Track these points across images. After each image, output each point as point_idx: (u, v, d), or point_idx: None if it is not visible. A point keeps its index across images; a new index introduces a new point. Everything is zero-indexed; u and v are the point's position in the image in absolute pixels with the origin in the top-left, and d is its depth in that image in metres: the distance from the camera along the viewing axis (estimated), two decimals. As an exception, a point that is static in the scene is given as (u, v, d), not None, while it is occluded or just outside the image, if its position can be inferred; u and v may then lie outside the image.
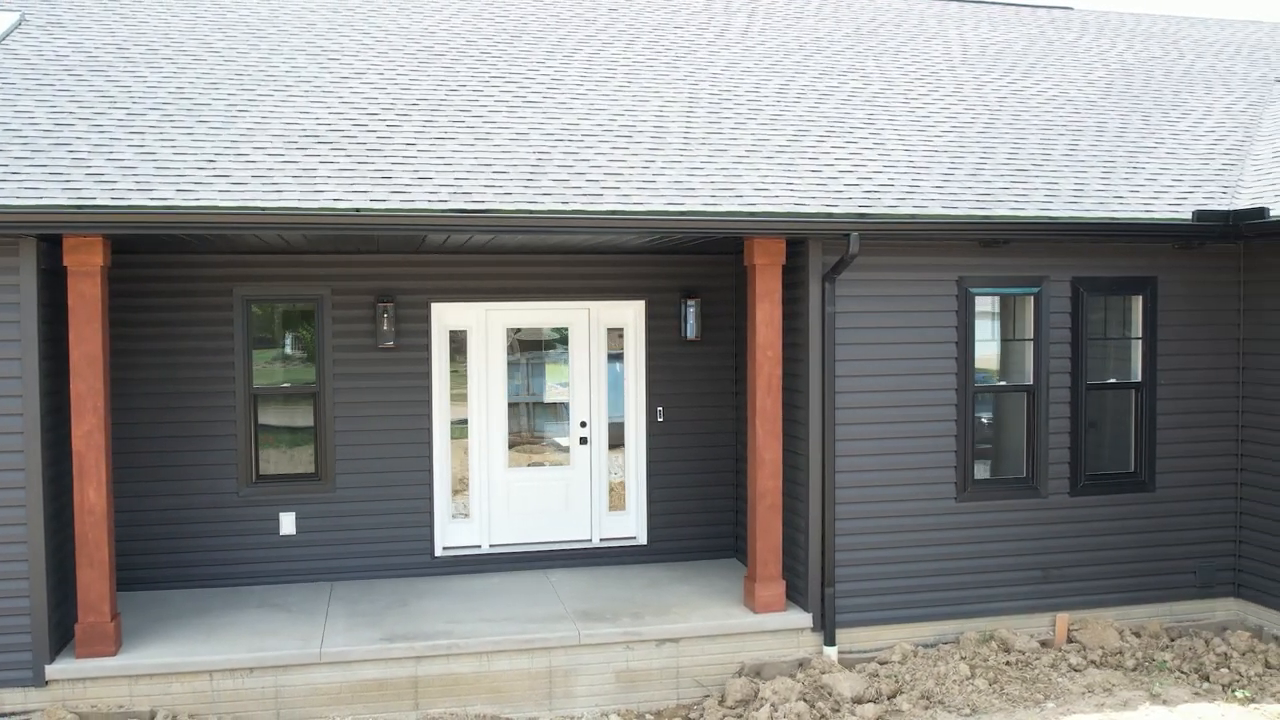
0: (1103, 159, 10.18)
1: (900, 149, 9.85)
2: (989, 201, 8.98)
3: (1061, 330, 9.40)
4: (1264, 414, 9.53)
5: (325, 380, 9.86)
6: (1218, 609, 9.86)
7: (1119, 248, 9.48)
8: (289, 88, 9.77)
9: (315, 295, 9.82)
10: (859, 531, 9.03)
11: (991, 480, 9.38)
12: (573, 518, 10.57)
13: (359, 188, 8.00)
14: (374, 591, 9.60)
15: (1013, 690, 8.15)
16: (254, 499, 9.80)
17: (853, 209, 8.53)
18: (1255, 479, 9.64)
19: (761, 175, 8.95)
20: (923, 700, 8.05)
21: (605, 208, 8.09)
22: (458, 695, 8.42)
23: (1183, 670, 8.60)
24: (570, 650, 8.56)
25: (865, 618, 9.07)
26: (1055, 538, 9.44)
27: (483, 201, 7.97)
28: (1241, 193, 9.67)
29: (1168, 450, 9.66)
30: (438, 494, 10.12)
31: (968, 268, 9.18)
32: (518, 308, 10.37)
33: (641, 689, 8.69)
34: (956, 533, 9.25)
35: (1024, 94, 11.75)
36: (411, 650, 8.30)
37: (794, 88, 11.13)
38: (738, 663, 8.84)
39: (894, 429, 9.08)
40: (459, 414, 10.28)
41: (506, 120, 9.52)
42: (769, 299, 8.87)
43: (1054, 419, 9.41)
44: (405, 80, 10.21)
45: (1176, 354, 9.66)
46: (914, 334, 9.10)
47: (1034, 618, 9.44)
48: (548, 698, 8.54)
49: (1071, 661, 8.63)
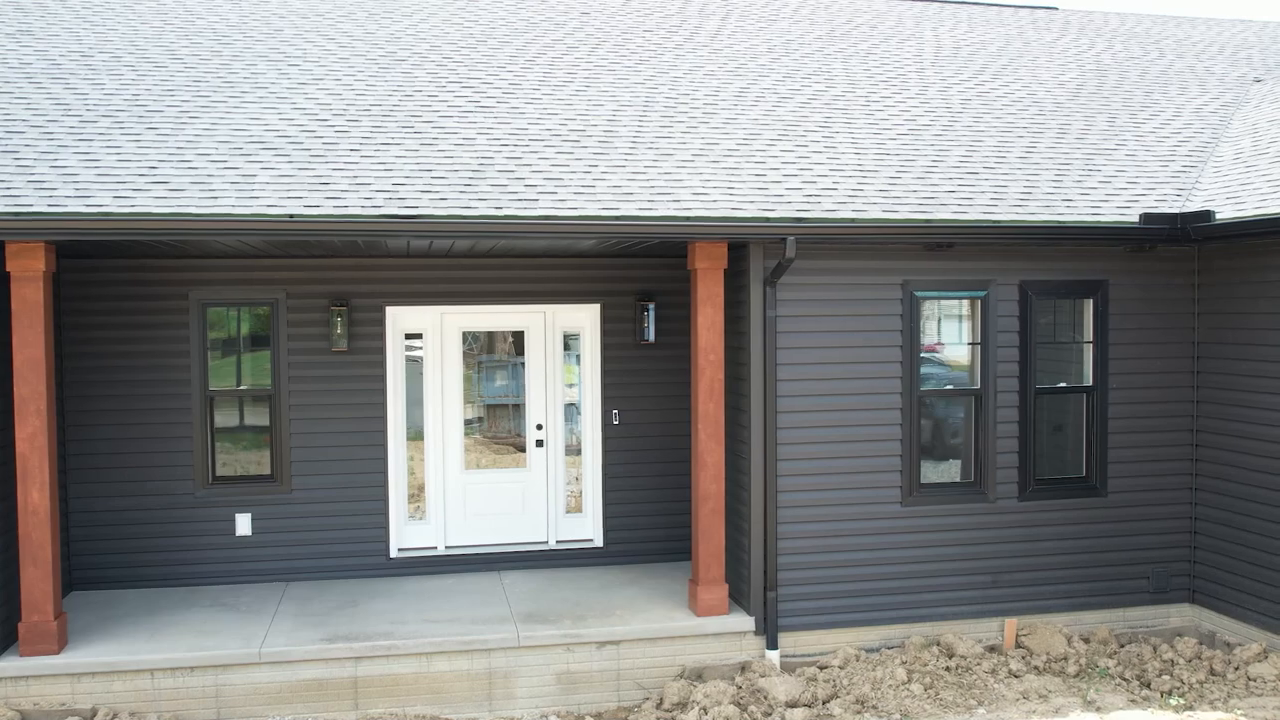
0: (1059, 161, 10.13)
1: (851, 152, 9.84)
2: (932, 205, 8.96)
3: (1009, 334, 9.36)
4: (1218, 419, 9.44)
5: (281, 383, 9.97)
6: (1173, 615, 9.78)
7: (1068, 251, 9.43)
8: (244, 94, 9.90)
9: (270, 299, 9.93)
10: (802, 535, 9.04)
11: (938, 484, 9.35)
12: (529, 520, 10.64)
13: (295, 193, 8.10)
14: (327, 592, 9.71)
15: (947, 696, 8.13)
16: (210, 500, 9.93)
17: (790, 213, 8.54)
18: (1210, 484, 9.56)
19: (704, 180, 8.98)
20: (856, 705, 8.05)
21: (539, 213, 8.14)
22: (397, 696, 8.49)
23: (1124, 677, 8.55)
24: (510, 652, 8.62)
25: (809, 621, 9.07)
26: (1003, 543, 9.41)
27: (417, 207, 8.05)
28: (1196, 195, 9.59)
29: (1120, 454, 9.60)
30: (393, 496, 10.21)
31: (913, 271, 9.16)
32: (473, 311, 10.45)
33: (582, 691, 8.74)
34: (902, 537, 9.23)
35: (989, 96, 11.70)
36: (351, 651, 8.39)
37: (754, 91, 11.14)
38: (679, 665, 8.87)
39: (838, 433, 9.07)
40: (415, 417, 10.37)
41: (456, 126, 9.60)
42: (711, 303, 8.89)
43: (1002, 423, 9.37)
44: (361, 86, 10.31)
45: (1129, 358, 9.60)
46: (858, 337, 9.09)
47: (983, 623, 9.40)
48: (488, 699, 8.61)
49: (1012, 667, 8.60)
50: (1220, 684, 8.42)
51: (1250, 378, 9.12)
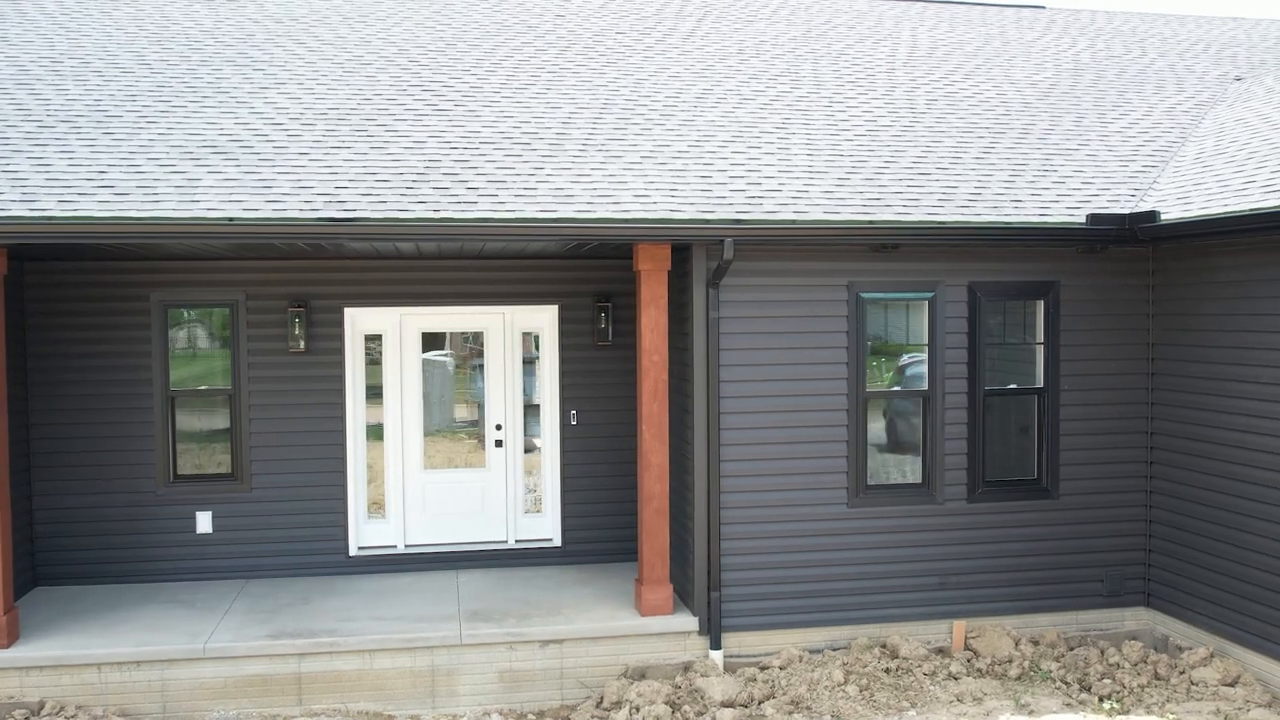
0: (1015, 162, 10.08)
1: (803, 154, 9.85)
2: (877, 206, 8.96)
3: (958, 335, 9.33)
4: (1171, 421, 9.37)
5: (241, 383, 10.13)
6: (1128, 618, 9.71)
7: (1017, 252, 9.39)
8: (205, 98, 10.06)
9: (230, 300, 10.09)
10: (747, 536, 9.06)
11: (886, 486, 9.34)
12: (489, 520, 10.73)
13: (236, 197, 8.23)
14: (283, 590, 9.85)
15: (881, 697, 8.13)
16: (171, 498, 10.10)
17: (729, 215, 8.57)
18: (1164, 486, 9.49)
19: (648, 182, 9.02)
20: (790, 706, 8.07)
21: (475, 215, 8.22)
22: (341, 692, 8.61)
23: (1065, 680, 8.50)
24: (452, 650, 8.72)
25: (754, 622, 9.10)
26: (952, 544, 9.38)
27: (355, 211, 8.15)
28: (1150, 196, 9.52)
29: (1072, 456, 9.54)
30: (352, 495, 10.34)
31: (859, 273, 9.16)
32: (433, 312, 10.55)
33: (525, 689, 8.81)
34: (849, 538, 9.23)
35: (956, 96, 11.66)
36: (294, 647, 8.52)
37: (717, 92, 11.17)
38: (623, 665, 8.93)
39: (783, 434, 9.09)
40: (375, 416, 10.50)
41: (409, 129, 9.71)
42: (654, 304, 8.94)
43: (950, 425, 9.34)
44: (322, 90, 10.45)
45: (1082, 359, 9.54)
46: (804, 339, 9.10)
47: (932, 625, 9.39)
48: (431, 696, 8.70)
49: (952, 670, 8.58)
50: (1162, 688, 8.36)
51: (1201, 379, 9.04)
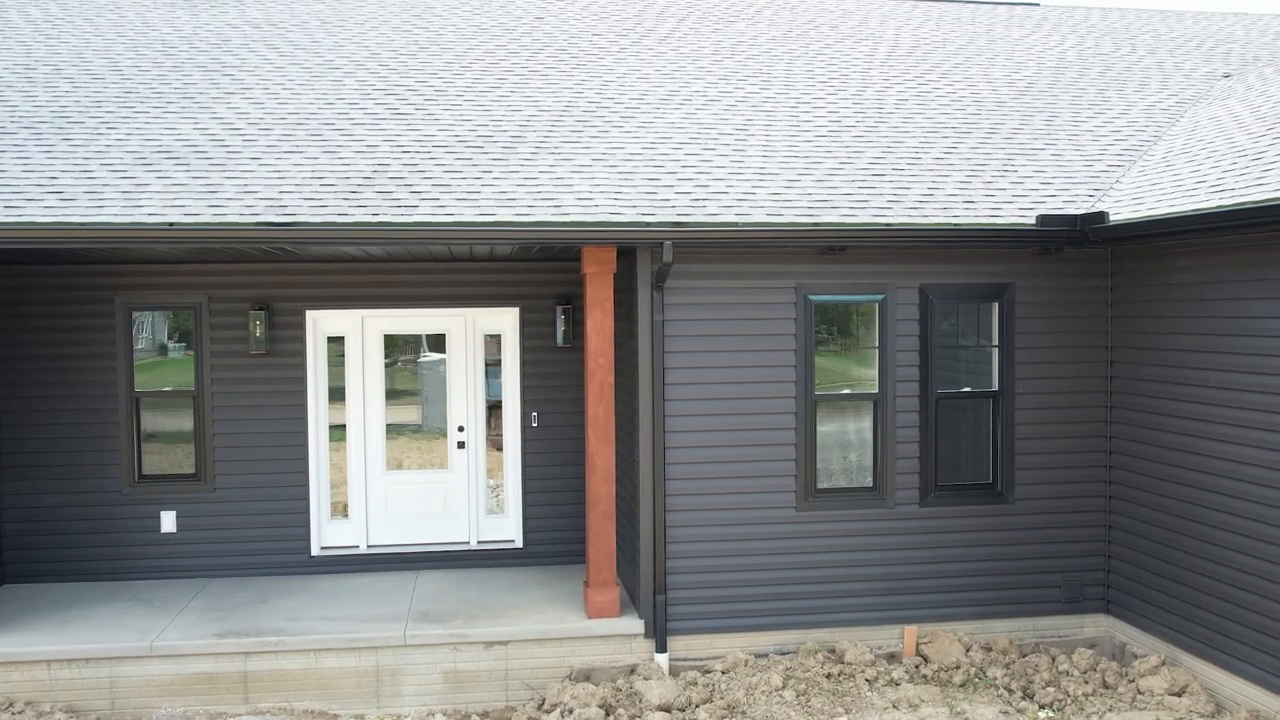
0: (976, 162, 9.96)
1: (758, 155, 9.80)
2: (823, 208, 8.90)
3: (909, 338, 9.24)
4: (1129, 424, 9.22)
5: (204, 385, 10.27)
6: (1087, 625, 9.57)
7: (970, 254, 9.28)
8: (169, 104, 10.20)
9: (194, 303, 10.23)
10: (693, 540, 9.04)
11: (836, 490, 9.27)
12: (452, 521, 10.79)
13: (180, 202, 8.35)
14: (242, 589, 9.97)
15: (816, 703, 8.08)
16: (136, 498, 10.26)
17: (670, 218, 8.55)
18: (1123, 492, 9.34)
19: (594, 184, 9.03)
20: (725, 710, 8.04)
21: (413, 220, 8.27)
22: (287, 691, 8.70)
23: (1009, 688, 8.40)
24: (397, 650, 8.78)
25: (701, 625, 9.07)
26: (904, 549, 9.30)
27: (294, 215, 8.23)
28: (1109, 196, 9.37)
29: (1028, 461, 9.42)
30: (314, 496, 10.44)
31: (807, 275, 9.10)
32: (395, 314, 10.63)
33: (470, 690, 8.86)
34: (798, 542, 9.18)
35: (929, 95, 11.55)
36: (239, 646, 8.62)
37: (683, 94, 11.15)
38: (568, 667, 8.94)
39: (730, 437, 9.06)
40: (338, 418, 10.59)
41: (365, 133, 9.79)
42: (600, 307, 8.95)
43: (901, 428, 9.26)
44: (287, 94, 10.56)
45: (1037, 362, 9.41)
46: (751, 341, 9.06)
47: (884, 630, 9.31)
48: (375, 696, 8.77)
49: (895, 676, 8.51)
50: (1107, 696, 8.24)
51: (1155, 383, 8.89)
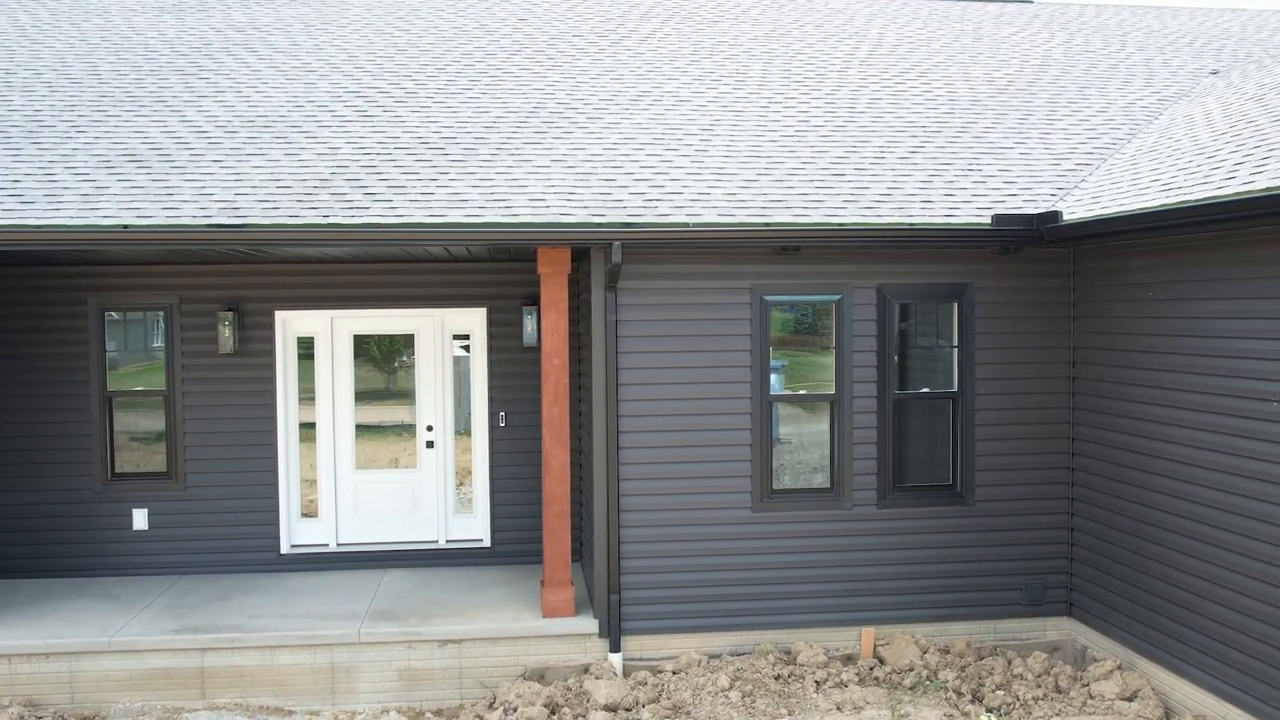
0: (941, 162, 9.90)
1: (720, 155, 9.79)
2: (777, 209, 8.87)
3: (867, 339, 9.20)
4: (1093, 426, 9.12)
5: (175, 385, 10.41)
6: (1049, 628, 9.48)
7: (928, 254, 9.22)
8: (141, 107, 10.35)
9: (165, 304, 10.37)
10: (648, 540, 9.05)
11: (792, 490, 9.25)
12: (421, 520, 10.87)
13: (136, 204, 8.47)
14: (209, 586, 10.10)
15: (760, 704, 8.07)
16: (109, 496, 10.42)
17: (620, 219, 8.56)
18: (1084, 494, 9.24)
19: (549, 185, 9.06)
20: (669, 711, 8.05)
21: (363, 221, 8.35)
22: (243, 687, 8.80)
23: (959, 691, 8.34)
24: (351, 647, 8.86)
25: (656, 626, 9.08)
26: (862, 550, 9.25)
27: (246, 217, 8.33)
28: (1071, 195, 9.27)
29: (989, 462, 9.34)
30: (283, 494, 10.55)
31: (763, 275, 9.08)
32: (365, 315, 10.72)
33: (424, 688, 8.92)
34: (754, 543, 9.16)
35: (905, 94, 11.49)
36: (196, 642, 8.74)
37: (654, 94, 11.16)
38: (522, 666, 8.98)
39: (685, 437, 9.06)
40: (307, 417, 10.70)
41: (330, 135, 9.88)
42: (554, 307, 8.98)
43: (859, 429, 9.22)
44: (259, 97, 10.68)
45: (999, 362, 9.34)
46: (705, 341, 9.06)
47: (842, 631, 9.26)
48: (330, 693, 8.86)
49: (844, 678, 8.47)
50: (1057, 701, 8.16)
51: (1113, 384, 8.80)
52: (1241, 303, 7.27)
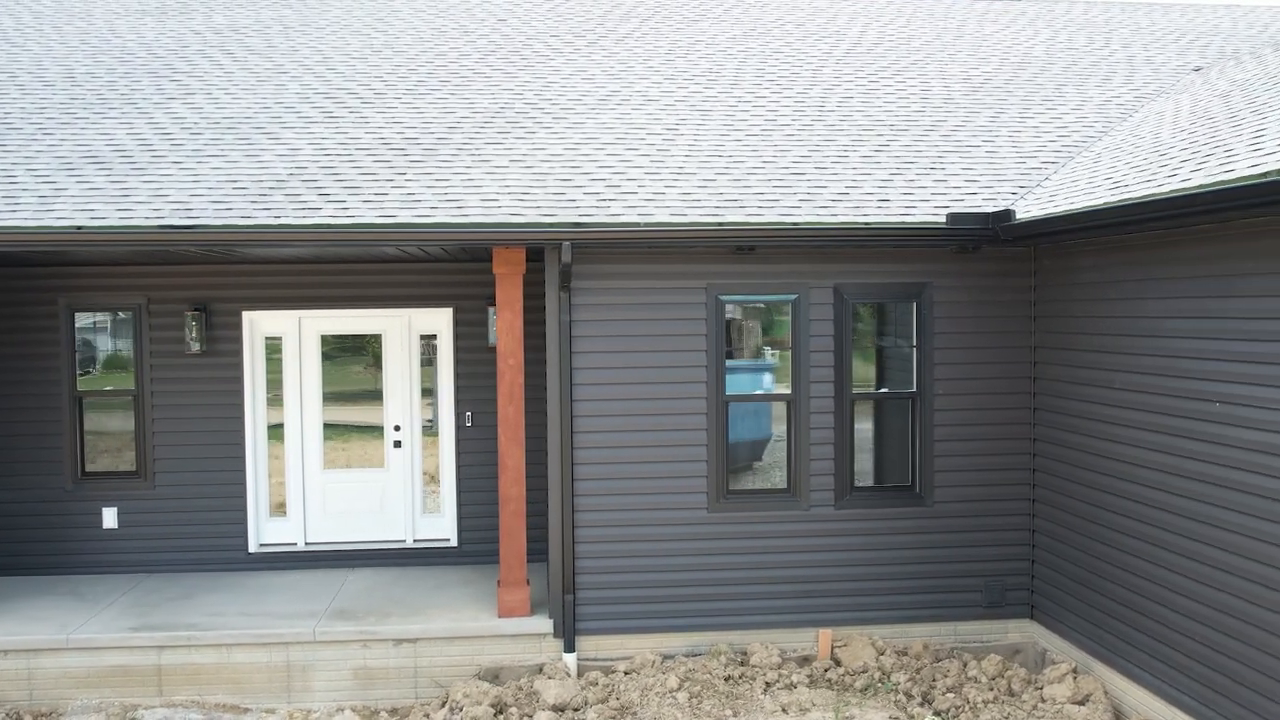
0: (904, 160, 9.83)
1: (681, 155, 9.77)
2: (731, 208, 8.84)
3: (824, 338, 9.15)
4: (1052, 426, 9.03)
5: (144, 384, 10.49)
6: (1011, 630, 9.40)
7: (886, 253, 9.16)
8: (111, 110, 10.45)
9: (134, 304, 10.46)
10: (603, 540, 9.04)
11: (748, 491, 9.22)
12: (389, 519, 10.91)
13: (92, 206, 8.54)
14: (175, 584, 10.17)
15: (706, 706, 8.04)
16: (79, 494, 10.52)
17: (571, 218, 8.56)
18: (1045, 495, 9.16)
19: (504, 186, 9.07)
20: (615, 711, 8.04)
21: (314, 221, 8.38)
22: (199, 685, 8.87)
23: (909, 693, 8.28)
24: (307, 646, 8.90)
25: (612, 626, 9.07)
26: (820, 551, 9.21)
27: (198, 219, 8.38)
28: (1032, 194, 9.19)
29: (948, 463, 9.27)
30: (251, 493, 10.61)
31: (718, 275, 9.05)
32: (332, 315, 10.77)
33: (379, 687, 8.95)
34: (710, 543, 9.13)
35: (877, 92, 11.42)
36: (153, 640, 8.81)
37: (623, 94, 11.15)
38: (478, 665, 9.00)
39: (640, 437, 9.05)
40: (276, 417, 10.76)
41: (293, 136, 9.93)
42: (509, 308, 8.99)
43: (816, 429, 9.17)
44: (228, 99, 10.75)
45: (959, 362, 9.27)
46: (661, 341, 9.04)
47: (800, 632, 9.22)
48: (286, 691, 8.90)
49: (794, 679, 8.43)
50: (1007, 704, 8.08)
51: (1070, 384, 8.71)
52: (1183, 301, 7.18)
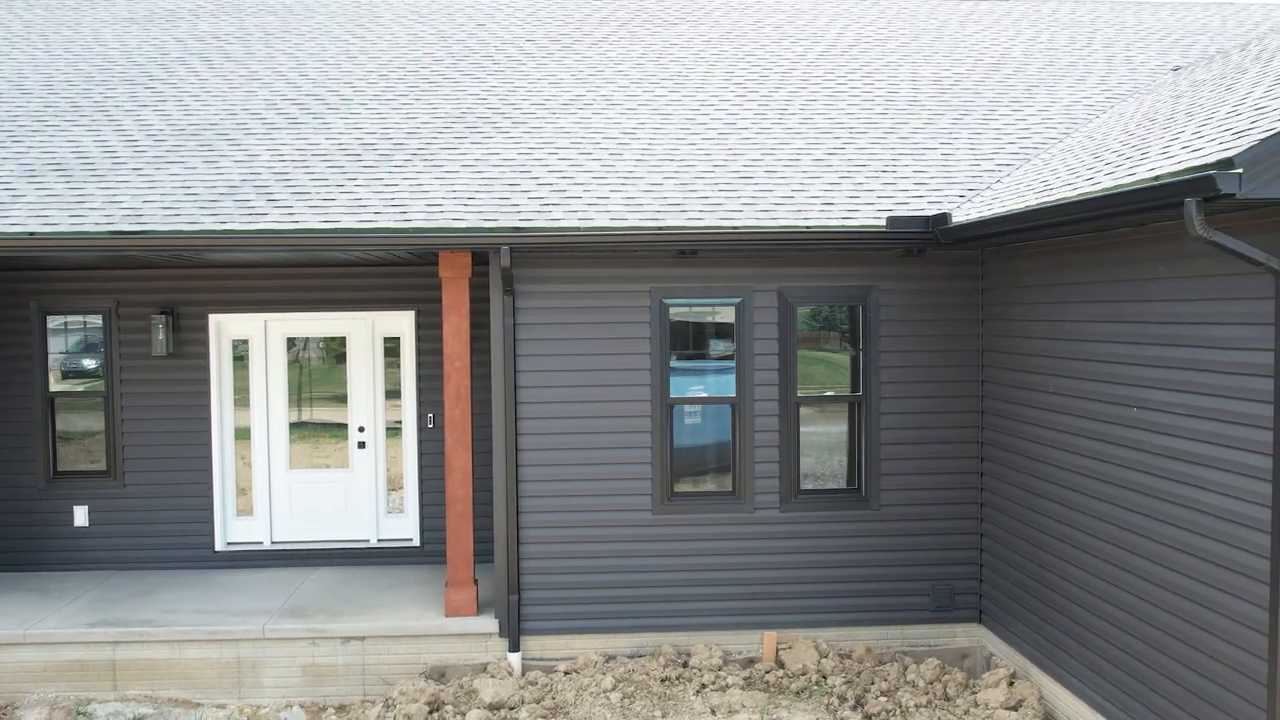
0: (858, 164, 9.83)
1: (633, 159, 9.83)
2: (672, 212, 8.89)
3: (768, 341, 9.18)
4: (998, 430, 9.00)
5: (114, 385, 10.73)
6: (960, 634, 9.38)
7: (831, 256, 9.17)
8: (82, 117, 10.69)
9: (104, 307, 10.69)
10: (547, 541, 9.13)
11: (693, 494, 9.26)
12: (353, 519, 11.07)
13: (46, 212, 8.76)
14: (140, 581, 10.38)
15: (637, 706, 8.11)
16: (51, 493, 10.77)
17: (511, 223, 8.65)
18: (991, 499, 9.13)
19: (451, 190, 9.18)
20: (547, 710, 8.12)
21: (259, 227, 8.54)
22: (152, 679, 9.06)
23: (843, 696, 8.29)
24: (256, 643, 9.06)
25: (558, 626, 9.15)
26: (765, 554, 9.23)
27: (146, 224, 8.57)
28: (980, 197, 9.15)
29: (894, 466, 9.27)
30: (217, 493, 10.81)
31: (662, 278, 9.11)
32: (297, 318, 10.95)
33: (328, 684, 9.09)
34: (655, 545, 9.19)
35: (843, 95, 11.42)
36: (108, 635, 9.01)
37: (588, 98, 11.22)
38: (424, 664, 9.12)
39: (585, 439, 9.12)
40: (244, 418, 10.95)
41: (254, 142, 10.11)
42: (456, 311, 9.10)
43: (760, 432, 9.20)
44: (198, 105, 10.95)
45: (905, 365, 9.25)
46: (606, 345, 9.11)
47: (748, 634, 9.25)
48: (237, 686, 9.07)
49: (729, 681, 8.47)
50: (939, 708, 8.07)
51: (1012, 388, 8.68)
52: (1105, 305, 7.14)
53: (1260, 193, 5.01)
